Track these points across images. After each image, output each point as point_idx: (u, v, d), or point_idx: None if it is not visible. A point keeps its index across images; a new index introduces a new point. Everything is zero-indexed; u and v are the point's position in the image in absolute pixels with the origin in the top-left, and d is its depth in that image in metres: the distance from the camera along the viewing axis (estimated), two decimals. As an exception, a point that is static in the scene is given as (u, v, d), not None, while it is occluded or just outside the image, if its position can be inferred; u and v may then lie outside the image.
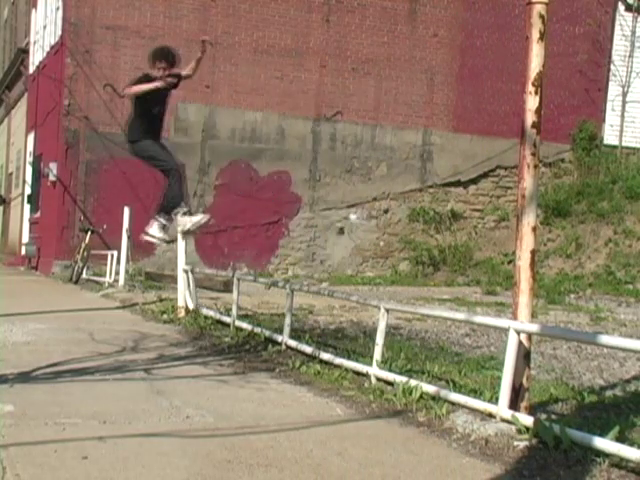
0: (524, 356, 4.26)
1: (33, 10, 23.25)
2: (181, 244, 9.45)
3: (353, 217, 18.99)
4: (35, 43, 22.69)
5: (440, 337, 7.83)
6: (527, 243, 4.28)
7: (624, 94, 20.42)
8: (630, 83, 20.41)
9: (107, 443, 3.69)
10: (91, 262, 15.58)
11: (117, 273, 13.88)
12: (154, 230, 7.39)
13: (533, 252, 4.30)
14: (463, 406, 4.42)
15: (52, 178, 18.03)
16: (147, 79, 7.24)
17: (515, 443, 3.83)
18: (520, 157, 4.30)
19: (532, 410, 4.30)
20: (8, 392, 4.72)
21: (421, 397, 4.68)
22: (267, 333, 7.16)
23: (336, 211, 18.87)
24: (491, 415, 4.19)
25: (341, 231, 18.90)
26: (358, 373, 5.51)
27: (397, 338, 7.40)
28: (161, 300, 10.70)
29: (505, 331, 4.33)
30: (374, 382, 5.24)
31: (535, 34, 4.25)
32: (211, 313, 8.75)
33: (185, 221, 7.50)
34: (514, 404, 4.17)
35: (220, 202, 18.04)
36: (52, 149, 18.59)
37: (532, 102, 4.26)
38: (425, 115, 19.37)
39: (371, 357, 5.43)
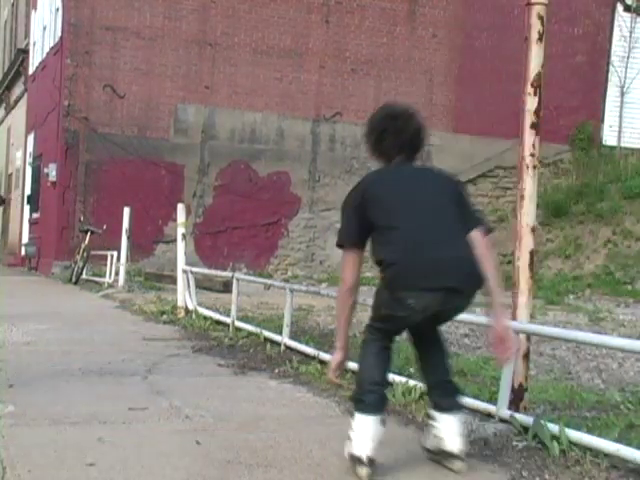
0: (523, 356, 4.26)
1: (33, 11, 23.27)
2: (180, 245, 9.45)
3: (352, 218, 18.99)
4: (35, 44, 22.71)
5: (439, 337, 7.81)
6: (526, 243, 4.29)
7: (623, 95, 20.43)
8: (629, 84, 20.42)
9: (107, 443, 3.70)
10: (91, 262, 15.59)
11: (117, 273, 13.89)
12: None
13: (532, 253, 4.30)
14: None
15: (53, 179, 18.05)
16: None
17: (514, 443, 3.84)
18: (519, 158, 4.31)
19: (531, 410, 4.30)
20: (8, 392, 4.72)
21: (420, 397, 4.68)
22: (266, 333, 7.17)
23: (335, 212, 18.85)
24: (490, 415, 4.19)
25: (340, 232, 18.89)
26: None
27: (396, 338, 7.39)
28: (161, 300, 10.71)
29: (504, 331, 4.33)
30: (373, 382, 5.23)
31: (534, 35, 4.25)
32: (210, 313, 8.76)
33: None
34: (513, 404, 4.18)
35: (219, 203, 18.06)
36: (52, 150, 18.60)
37: (531, 103, 4.27)
38: (424, 115, 19.21)
39: (370, 357, 5.42)
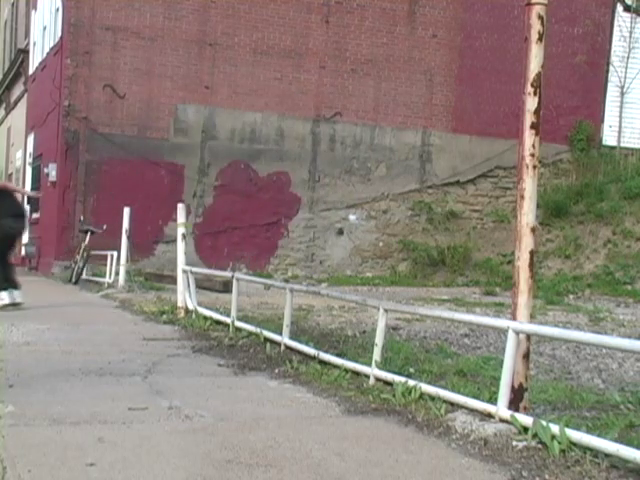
0: (523, 356, 4.26)
1: (33, 11, 23.27)
2: (180, 245, 9.45)
3: (352, 218, 19.01)
4: (35, 44, 22.71)
5: (439, 337, 7.83)
6: (526, 244, 4.29)
7: (623, 95, 20.44)
8: (629, 84, 20.43)
9: (107, 443, 3.70)
10: (91, 262, 15.58)
11: (117, 274, 13.89)
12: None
13: (532, 253, 4.30)
14: (462, 406, 4.42)
15: (53, 179, 18.05)
16: None
17: (514, 443, 3.84)
18: (519, 158, 4.31)
19: (531, 410, 4.31)
20: (8, 392, 4.72)
21: (420, 397, 4.68)
22: (266, 333, 7.17)
23: (335, 212, 18.88)
24: (490, 415, 4.19)
25: (340, 232, 18.91)
26: (357, 373, 5.51)
27: (396, 338, 7.40)
28: (161, 300, 10.71)
29: (504, 331, 4.34)
30: (373, 382, 5.24)
31: (534, 35, 4.25)
32: (210, 313, 8.76)
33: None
34: (513, 404, 4.18)
35: (220, 203, 18.06)
36: (52, 150, 18.60)
37: (531, 103, 4.27)
38: (424, 116, 19.39)
39: (370, 357, 5.43)
